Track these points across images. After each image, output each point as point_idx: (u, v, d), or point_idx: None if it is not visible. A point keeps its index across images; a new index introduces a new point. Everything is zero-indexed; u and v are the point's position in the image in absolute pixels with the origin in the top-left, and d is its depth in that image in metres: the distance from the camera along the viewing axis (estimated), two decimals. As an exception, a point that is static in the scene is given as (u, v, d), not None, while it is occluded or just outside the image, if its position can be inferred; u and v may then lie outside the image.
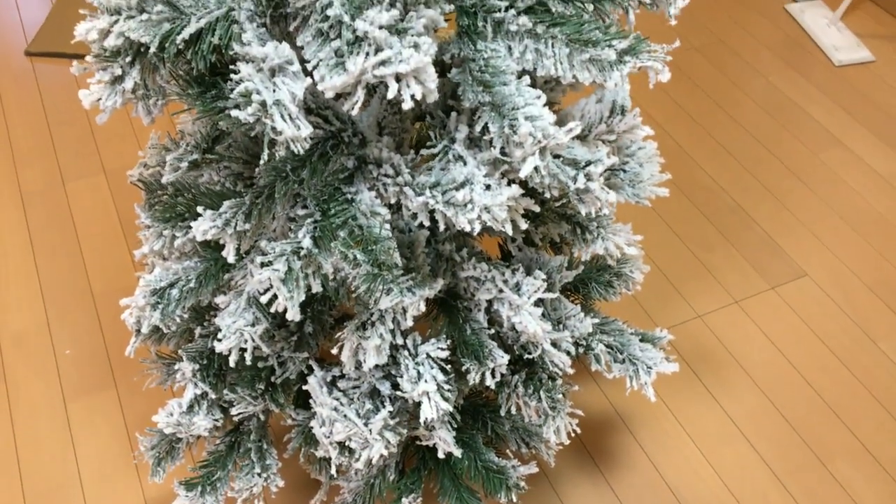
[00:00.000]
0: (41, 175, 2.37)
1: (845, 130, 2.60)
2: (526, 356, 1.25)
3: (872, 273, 2.20)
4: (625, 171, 1.27)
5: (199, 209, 1.07)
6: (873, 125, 2.61)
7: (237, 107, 0.88)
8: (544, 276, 1.19)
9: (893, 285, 2.17)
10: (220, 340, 1.17)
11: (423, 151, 1.12)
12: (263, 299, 1.02)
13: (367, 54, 0.86)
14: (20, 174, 2.37)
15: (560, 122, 1.13)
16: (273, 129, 0.87)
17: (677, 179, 2.44)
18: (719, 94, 2.72)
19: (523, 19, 0.96)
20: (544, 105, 0.95)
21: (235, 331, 1.16)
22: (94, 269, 2.13)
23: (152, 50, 0.93)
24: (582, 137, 1.11)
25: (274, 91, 0.89)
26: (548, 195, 1.05)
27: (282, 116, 0.87)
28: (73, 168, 2.39)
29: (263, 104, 0.87)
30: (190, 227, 1.19)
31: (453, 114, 1.08)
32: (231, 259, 1.08)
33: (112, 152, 2.43)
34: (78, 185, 2.34)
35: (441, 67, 1.13)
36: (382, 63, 0.86)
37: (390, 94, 0.88)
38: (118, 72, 0.95)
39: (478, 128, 1.00)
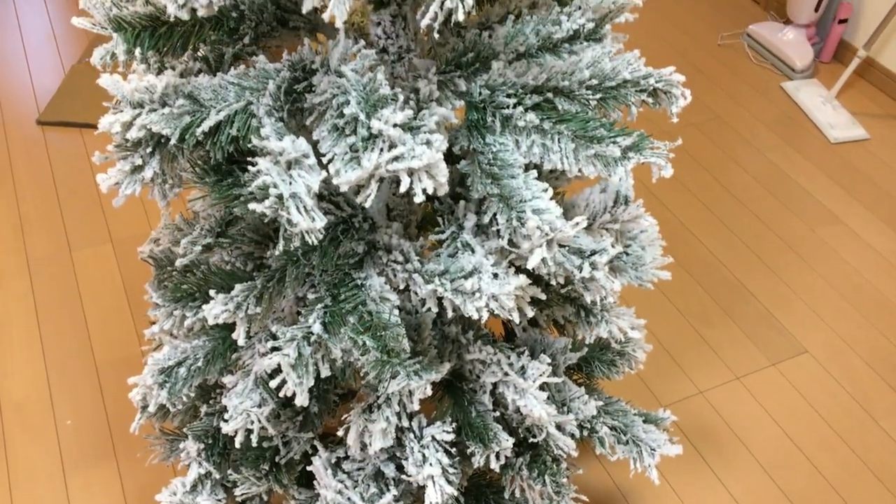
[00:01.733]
0: (48, 243, 2.39)
1: (842, 207, 2.64)
2: (531, 439, 1.25)
3: (872, 350, 2.21)
4: (627, 254, 1.29)
5: (211, 292, 1.09)
6: (870, 202, 2.65)
7: (255, 200, 0.90)
8: (549, 360, 1.20)
9: (893, 362, 2.18)
10: (226, 421, 1.18)
11: (432, 237, 1.15)
12: (273, 384, 1.03)
13: (382, 150, 0.89)
14: (28, 242, 2.40)
15: (566, 211, 1.17)
16: (289, 221, 0.90)
17: (677, 253, 2.47)
18: (717, 169, 2.77)
19: (530, 115, 0.99)
20: (551, 197, 0.98)
21: (242, 412, 1.17)
22: (98, 338, 2.14)
23: (172, 141, 0.96)
24: (587, 226, 1.14)
25: (290, 184, 0.91)
26: (553, 282, 1.07)
27: (297, 209, 0.90)
28: (80, 236, 2.41)
29: (280, 197, 0.89)
30: (200, 308, 1.21)
31: (462, 202, 1.11)
32: (241, 342, 1.09)
33: (119, 221, 2.46)
34: (84, 254, 2.36)
35: (449, 153, 1.15)
36: (396, 159, 0.89)
37: (403, 188, 0.91)
38: (138, 161, 0.98)
39: (486, 218, 1.02)
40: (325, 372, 1.06)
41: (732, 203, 2.65)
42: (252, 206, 0.89)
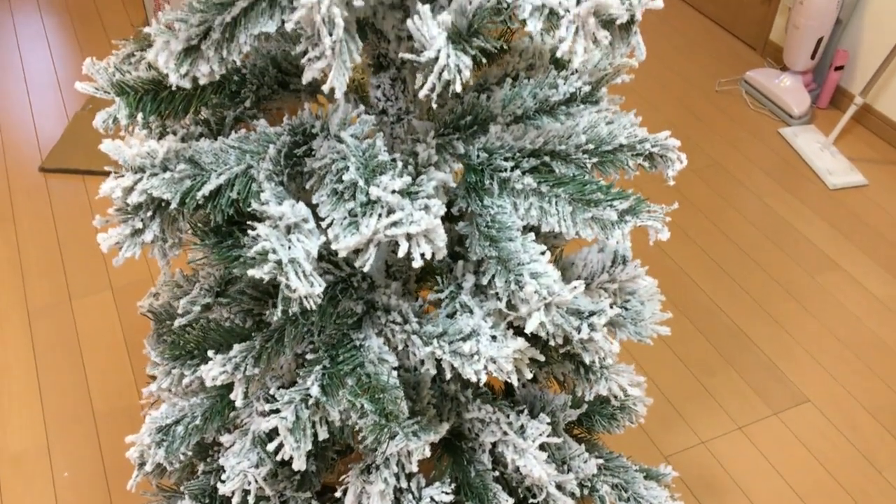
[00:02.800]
0: (49, 291, 2.40)
1: (842, 253, 2.64)
2: (531, 499, 1.24)
3: (874, 399, 2.20)
4: (626, 308, 1.29)
5: (210, 352, 1.09)
6: (869, 249, 2.66)
7: (254, 265, 0.91)
8: (549, 419, 1.20)
9: (895, 411, 2.17)
10: (223, 481, 1.17)
11: (430, 296, 1.15)
12: (270, 447, 1.03)
13: (380, 215, 0.90)
14: (28, 290, 2.40)
15: (563, 271, 1.17)
16: (288, 286, 0.90)
17: (677, 300, 2.47)
18: (716, 215, 2.78)
19: (528, 179, 1.00)
20: (549, 259, 0.99)
21: (239, 472, 1.16)
22: (97, 389, 2.13)
23: (173, 205, 0.96)
24: (585, 286, 1.14)
25: (289, 249, 0.92)
26: (552, 342, 1.07)
27: (296, 274, 0.90)
28: (80, 284, 2.42)
29: (279, 263, 0.90)
30: (198, 366, 1.21)
31: (460, 262, 1.11)
32: (239, 403, 1.09)
33: (119, 268, 2.47)
34: (84, 303, 2.36)
35: (448, 212, 1.16)
36: (394, 224, 0.90)
37: (401, 253, 0.92)
38: (139, 225, 0.99)
39: (485, 280, 1.03)
40: (323, 434, 1.05)
41: (732, 249, 2.65)
42: (251, 271, 0.89)
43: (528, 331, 0.96)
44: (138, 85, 1.04)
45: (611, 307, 1.05)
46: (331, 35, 0.80)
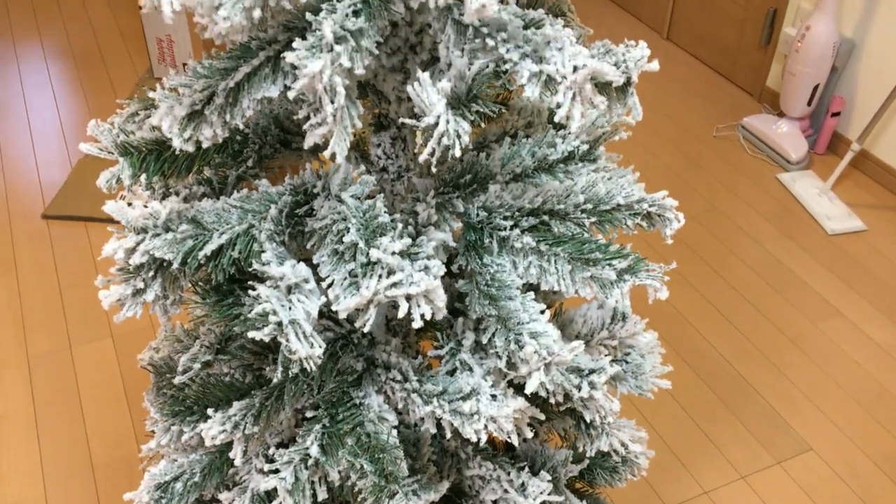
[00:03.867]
0: (49, 339, 2.40)
1: (842, 300, 2.64)
2: (531, 557, 1.23)
3: (877, 447, 2.18)
4: (627, 362, 1.29)
5: (209, 411, 1.09)
6: (870, 295, 2.66)
7: (255, 326, 0.91)
8: (549, 476, 1.19)
9: (900, 461, 2.15)
10: (222, 540, 1.16)
11: (431, 353, 1.15)
12: (269, 507, 1.02)
13: (380, 277, 0.91)
14: (28, 338, 2.40)
15: (563, 327, 1.17)
16: (288, 348, 0.90)
17: (679, 348, 2.47)
18: (716, 262, 2.79)
19: (527, 238, 1.01)
20: (549, 316, 0.99)
21: (238, 530, 1.15)
22: (96, 437, 2.12)
23: (175, 265, 0.97)
24: (585, 342, 1.14)
25: (290, 309, 0.92)
26: (552, 400, 1.07)
27: (297, 336, 0.91)
28: (80, 332, 2.42)
29: (280, 324, 0.90)
30: (198, 422, 1.20)
31: (460, 319, 1.12)
32: (238, 462, 1.08)
33: (121, 316, 2.47)
34: (84, 350, 2.36)
35: (448, 266, 1.16)
36: (394, 285, 0.91)
37: (401, 314, 0.92)
38: (140, 285, 0.99)
39: (485, 338, 1.03)
40: (322, 495, 1.05)
41: (733, 296, 2.66)
42: (252, 333, 0.90)
43: (528, 391, 0.96)
44: (142, 145, 1.05)
45: (611, 364, 1.05)
46: (332, 103, 0.81)
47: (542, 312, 0.98)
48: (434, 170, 1.08)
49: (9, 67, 3.65)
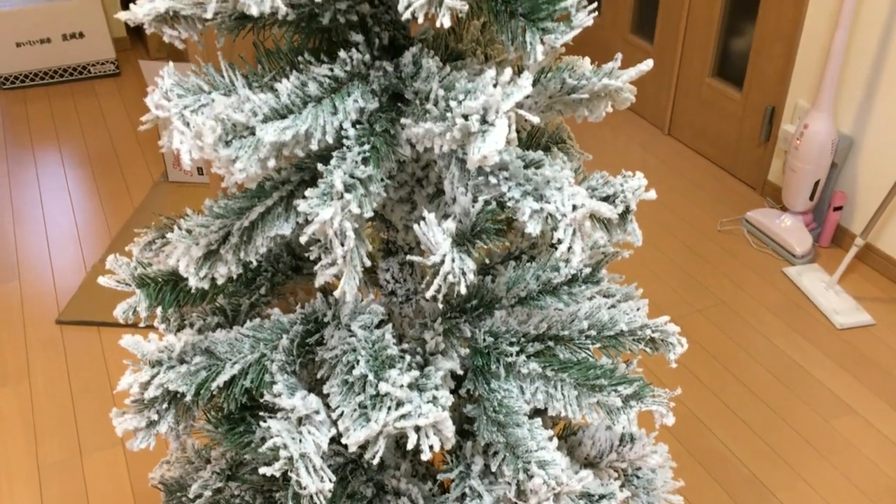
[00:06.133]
0: (60, 447, 2.40)
1: (854, 396, 2.63)
2: None
3: (899, 551, 2.14)
4: (638, 477, 1.29)
5: (220, 539, 1.09)
6: (881, 390, 2.65)
7: (266, 460, 0.93)
8: None
9: (923, 566, 2.10)
10: None
11: (440, 476, 1.16)
12: None
13: (389, 409, 0.92)
14: (39, 445, 2.40)
15: (571, 450, 1.18)
16: (298, 483, 0.91)
17: (690, 447, 2.44)
18: (725, 357, 2.79)
19: (533, 364, 1.03)
20: (556, 435, 1.00)
21: None
22: (104, 550, 2.10)
23: (188, 397, 0.99)
24: (593, 464, 1.15)
25: (300, 442, 0.94)
26: (563, 525, 1.07)
27: (307, 470, 0.92)
28: (92, 439, 2.42)
29: (290, 459, 0.92)
30: (208, 547, 1.20)
31: (469, 442, 1.13)
32: (249, 591, 1.08)
33: (131, 422, 2.47)
34: (95, 458, 2.36)
35: (456, 390, 1.18)
36: (403, 417, 0.92)
37: (410, 445, 0.94)
38: (154, 417, 1.01)
39: (493, 464, 1.04)
40: None
41: (743, 392, 2.64)
42: (263, 469, 0.91)
43: (537, 522, 0.97)
44: (158, 277, 1.09)
45: (621, 489, 1.06)
46: (342, 245, 0.85)
47: (551, 439, 0.99)
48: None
49: (28, 174, 3.76)
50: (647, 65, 1.00)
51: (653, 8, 4.07)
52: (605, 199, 1.00)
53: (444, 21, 0.75)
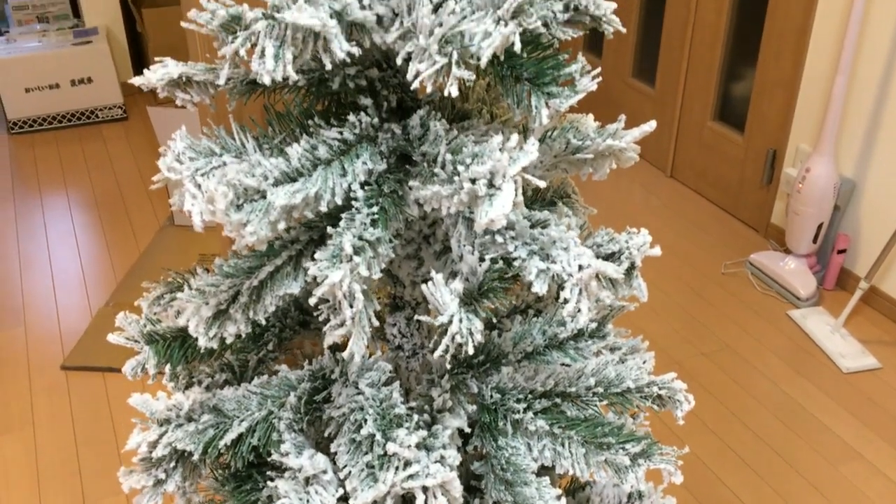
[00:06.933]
0: (63, 496, 2.38)
1: (862, 441, 2.61)
2: None
3: None
4: (646, 531, 1.28)
5: None
6: (889, 435, 2.63)
7: (273, 522, 0.93)
8: None
9: None
10: None
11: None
12: None
13: (397, 469, 0.92)
14: (43, 495, 2.39)
15: (579, 506, 1.17)
16: (306, 545, 0.91)
17: (698, 494, 2.42)
18: (732, 402, 2.77)
19: (540, 421, 1.03)
20: (562, 493, 1.00)
21: None
22: None
23: (195, 456, 0.99)
24: (602, 521, 1.14)
25: (307, 502, 0.94)
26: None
27: (315, 532, 0.92)
28: (95, 488, 2.41)
29: (298, 521, 0.92)
30: None
31: (476, 500, 1.12)
32: None
33: (135, 470, 2.46)
34: (98, 507, 2.34)
35: (464, 446, 1.17)
36: (410, 477, 0.92)
37: (418, 505, 0.93)
38: (162, 476, 1.01)
39: (501, 524, 1.03)
40: None
41: (751, 438, 2.63)
42: (271, 531, 0.91)
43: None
44: (167, 333, 1.09)
45: (628, 547, 1.05)
46: (351, 307, 0.86)
47: (559, 498, 0.99)
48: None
49: (35, 218, 3.79)
50: (651, 126, 1.01)
51: (654, 52, 4.12)
52: (611, 255, 1.01)
53: (452, 90, 0.76)
